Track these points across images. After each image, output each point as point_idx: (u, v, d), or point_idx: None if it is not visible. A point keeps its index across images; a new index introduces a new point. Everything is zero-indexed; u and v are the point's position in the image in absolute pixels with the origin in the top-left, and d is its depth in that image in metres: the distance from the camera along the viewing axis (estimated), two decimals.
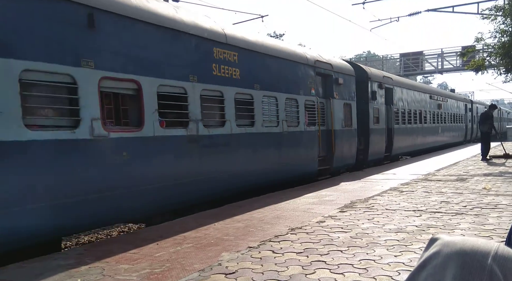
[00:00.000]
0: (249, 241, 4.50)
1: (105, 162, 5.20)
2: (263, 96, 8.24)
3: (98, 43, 5.17)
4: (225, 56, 7.40)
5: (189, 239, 4.70)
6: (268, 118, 8.39)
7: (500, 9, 11.97)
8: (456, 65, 30.50)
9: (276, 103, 8.65)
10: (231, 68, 7.52)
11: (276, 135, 8.66)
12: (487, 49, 13.60)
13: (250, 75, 7.97)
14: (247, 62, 7.92)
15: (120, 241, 4.81)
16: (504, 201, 6.34)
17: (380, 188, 8.09)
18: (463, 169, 11.13)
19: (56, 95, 4.81)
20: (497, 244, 0.75)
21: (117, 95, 5.59)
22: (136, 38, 5.70)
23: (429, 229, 4.74)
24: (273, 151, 8.58)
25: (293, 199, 7.15)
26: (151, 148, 5.81)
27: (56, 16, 4.69)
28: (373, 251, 3.96)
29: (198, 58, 6.82)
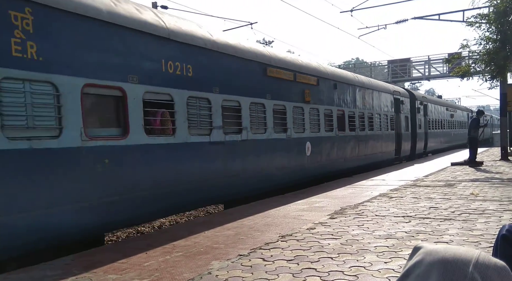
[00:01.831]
0: (240, 249, 4.47)
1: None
2: (376, 114, 14.84)
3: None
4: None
5: (179, 247, 4.66)
6: (377, 126, 14.87)
7: (484, 16, 12.20)
8: (443, 72, 30.94)
9: (380, 117, 15.18)
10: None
11: (379, 135, 15.00)
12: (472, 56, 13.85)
13: (363, 102, 13.71)
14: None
15: (109, 250, 4.75)
16: (491, 206, 6.42)
17: (370, 194, 8.13)
18: (451, 175, 11.26)
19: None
20: (478, 251, 0.76)
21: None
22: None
23: (418, 235, 4.77)
24: (378, 144, 14.93)
25: (283, 206, 7.14)
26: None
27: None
28: (363, 257, 3.97)
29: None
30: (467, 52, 14.72)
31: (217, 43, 7.51)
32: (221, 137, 7.41)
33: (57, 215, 4.75)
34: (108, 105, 5.71)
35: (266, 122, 8.79)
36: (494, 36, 12.20)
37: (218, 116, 7.35)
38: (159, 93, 6.24)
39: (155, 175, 6.06)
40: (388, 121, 15.85)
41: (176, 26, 6.75)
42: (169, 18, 6.84)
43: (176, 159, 6.51)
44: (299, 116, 9.99)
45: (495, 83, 13.82)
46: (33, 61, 4.61)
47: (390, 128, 16.01)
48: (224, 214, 6.73)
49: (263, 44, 36.10)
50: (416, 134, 18.94)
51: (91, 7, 5.29)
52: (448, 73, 28.73)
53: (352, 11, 17.24)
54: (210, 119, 7.19)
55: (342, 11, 17.66)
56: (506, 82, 15.48)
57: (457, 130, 28.37)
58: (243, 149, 8.07)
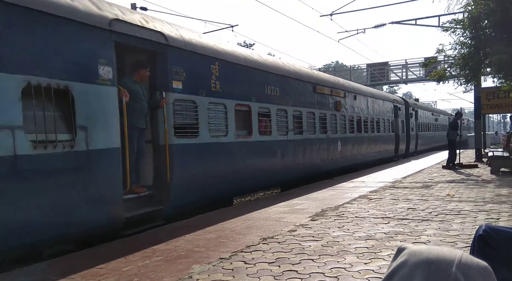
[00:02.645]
0: (221, 252, 4.45)
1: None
2: (382, 119, 17.89)
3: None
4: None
5: (159, 251, 4.60)
6: (383, 129, 17.99)
7: (459, 22, 12.52)
8: (420, 76, 31.63)
9: (384, 121, 18.00)
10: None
11: (384, 136, 18.00)
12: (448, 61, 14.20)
13: (373, 109, 16.87)
14: (367, 103, 16.29)
15: (87, 255, 4.65)
16: (467, 207, 6.59)
17: (350, 196, 8.22)
18: (428, 176, 11.50)
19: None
20: (461, 252, 0.78)
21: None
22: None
23: (397, 235, 4.85)
24: (383, 143, 17.91)
25: (264, 208, 7.14)
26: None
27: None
28: (343, 259, 4.01)
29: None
30: (443, 57, 15.09)
31: (290, 72, 10.74)
32: (292, 137, 10.48)
33: (216, 183, 7.57)
34: (244, 116, 8.77)
35: (315, 126, 11.85)
36: (468, 41, 12.53)
37: (291, 122, 10.44)
38: (264, 107, 9.36)
39: (260, 161, 9.15)
40: (390, 125, 19.13)
41: (271, 62, 10.24)
42: (267, 56, 10.96)
43: (272, 151, 9.66)
44: (334, 121, 13.11)
45: (470, 87, 14.16)
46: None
47: (391, 130, 19.29)
48: (205, 218, 6.68)
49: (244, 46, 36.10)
50: (409, 136, 22.31)
51: (234, 56, 8.52)
52: (425, 77, 29.41)
53: (332, 15, 17.46)
54: (287, 124, 10.30)
55: (322, 15, 17.87)
56: (480, 86, 15.93)
57: (440, 133, 31.46)
58: (303, 145, 11.10)
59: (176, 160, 6.58)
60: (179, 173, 6.61)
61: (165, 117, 6.42)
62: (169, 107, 6.51)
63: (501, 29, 11.64)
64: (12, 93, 4.31)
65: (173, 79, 6.65)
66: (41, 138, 4.57)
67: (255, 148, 8.91)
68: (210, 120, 7.50)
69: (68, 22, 4.95)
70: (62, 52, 4.88)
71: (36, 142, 4.49)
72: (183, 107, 6.93)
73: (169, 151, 6.44)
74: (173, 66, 6.66)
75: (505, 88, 14.45)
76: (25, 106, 4.42)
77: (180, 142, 6.75)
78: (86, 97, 5.11)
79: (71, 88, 4.91)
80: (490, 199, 7.32)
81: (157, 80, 6.52)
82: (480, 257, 1.51)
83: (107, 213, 5.37)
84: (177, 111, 6.73)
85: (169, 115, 6.51)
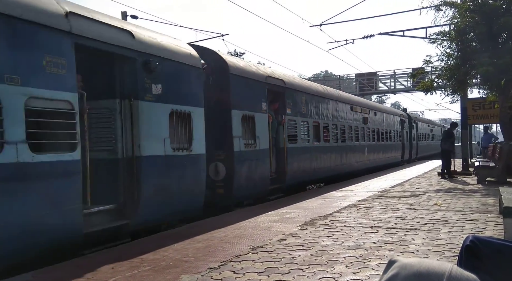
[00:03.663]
0: (210, 261, 4.42)
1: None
2: (392, 130, 22.21)
3: None
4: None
5: (147, 261, 4.55)
6: (393, 138, 22.41)
7: (446, 34, 12.77)
8: (408, 86, 32.10)
9: (394, 132, 22.50)
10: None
11: (394, 144, 22.42)
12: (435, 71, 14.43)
13: (387, 122, 21.68)
14: (383, 117, 20.86)
15: (73, 266, 4.57)
16: (454, 216, 6.65)
17: (339, 205, 8.25)
18: (416, 185, 11.60)
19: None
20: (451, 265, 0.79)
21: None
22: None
23: (385, 245, 4.87)
24: (393, 150, 22.30)
25: (254, 218, 7.12)
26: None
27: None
28: (333, 268, 4.01)
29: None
30: (430, 68, 15.34)
31: (337, 97, 15.32)
32: (340, 143, 14.71)
33: (304, 172, 11.72)
34: (316, 129, 12.99)
35: (352, 136, 16.12)
36: (454, 53, 12.77)
37: (339, 133, 14.79)
38: (325, 123, 13.71)
39: (322, 160, 13.22)
40: (398, 135, 23.62)
41: (328, 91, 14.83)
42: (325, 87, 15.83)
43: (327, 154, 13.62)
44: (362, 132, 17.44)
45: (456, 97, 14.40)
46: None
47: (399, 140, 23.75)
48: (193, 226, 6.63)
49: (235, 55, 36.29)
50: (412, 144, 26.65)
51: (312, 89, 13.43)
52: (413, 87, 29.86)
53: (321, 26, 17.65)
54: (337, 135, 14.59)
55: (312, 25, 18.04)
56: (466, 97, 16.19)
57: (434, 142, 34.48)
58: (345, 150, 15.22)
59: (289, 156, 10.87)
60: (291, 164, 10.94)
61: (284, 131, 10.78)
62: (285, 125, 10.88)
63: (486, 42, 11.91)
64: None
65: (287, 107, 11.09)
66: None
67: (321, 150, 13.23)
68: (301, 132, 11.87)
69: (252, 80, 9.67)
70: (252, 96, 9.62)
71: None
72: (291, 124, 11.31)
73: (286, 151, 10.78)
74: (287, 99, 11.12)
75: (491, 99, 14.74)
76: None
77: (290, 145, 11.06)
78: (259, 119, 9.69)
79: (255, 116, 9.54)
80: (477, 208, 7.40)
81: (279, 108, 10.90)
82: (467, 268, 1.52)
83: (263, 186, 9.92)
84: (288, 127, 11.10)
85: (285, 129, 10.88)
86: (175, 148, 6.82)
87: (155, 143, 6.39)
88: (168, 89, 6.62)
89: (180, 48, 7.30)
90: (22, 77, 4.47)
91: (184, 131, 7.04)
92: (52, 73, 4.83)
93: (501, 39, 12.19)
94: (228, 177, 8.49)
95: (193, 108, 7.25)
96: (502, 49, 11.82)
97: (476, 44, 12.54)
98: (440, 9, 12.59)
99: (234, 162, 8.59)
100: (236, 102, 8.77)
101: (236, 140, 8.69)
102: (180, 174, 7.00)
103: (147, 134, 6.21)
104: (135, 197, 6.01)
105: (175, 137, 6.85)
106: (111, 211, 5.90)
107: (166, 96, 6.60)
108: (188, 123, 7.15)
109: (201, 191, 7.40)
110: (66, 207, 4.95)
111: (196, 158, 7.34)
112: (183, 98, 7.02)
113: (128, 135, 6.07)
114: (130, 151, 6.06)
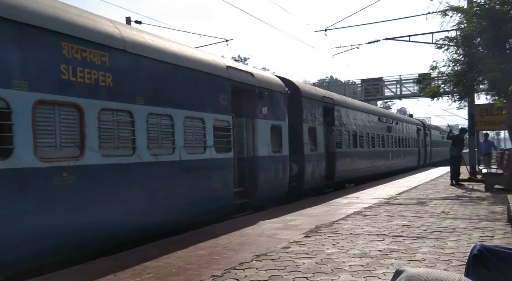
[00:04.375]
0: (213, 269, 4.36)
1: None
2: (410, 137, 25.13)
3: None
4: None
5: (150, 268, 4.50)
6: (411, 144, 25.21)
7: (452, 39, 12.69)
8: (414, 92, 31.95)
9: (411, 139, 25.32)
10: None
11: (412, 150, 25.51)
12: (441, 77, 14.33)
13: (406, 130, 24.29)
14: (403, 126, 23.74)
15: (75, 273, 4.53)
16: (462, 224, 6.55)
17: (344, 212, 8.16)
18: (422, 193, 11.48)
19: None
20: (459, 276, 0.75)
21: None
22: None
23: (392, 253, 4.79)
24: (411, 155, 25.28)
25: (258, 224, 7.06)
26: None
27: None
28: (338, 277, 3.94)
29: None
30: (437, 73, 15.24)
31: (371, 110, 18.79)
32: (371, 149, 17.65)
33: (349, 173, 14.89)
34: (356, 137, 15.87)
35: (379, 142, 18.93)
36: (462, 58, 12.68)
37: (371, 140, 17.72)
38: (366, 132, 16.94)
39: (358, 163, 15.83)
40: (414, 142, 26.28)
41: (367, 106, 19.02)
42: (360, 102, 20.10)
43: (362, 157, 16.45)
44: (387, 139, 20.23)
45: (463, 103, 14.27)
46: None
47: (415, 146, 26.44)
48: (197, 234, 6.59)
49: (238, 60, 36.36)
50: (426, 150, 29.29)
51: (352, 105, 17.04)
52: (419, 93, 29.72)
53: (326, 31, 17.68)
54: (368, 141, 17.35)
55: (317, 30, 18.10)
56: (473, 103, 16.06)
57: (445, 148, 38.41)
58: (375, 154, 18.21)
59: (337, 158, 13.63)
60: (338, 165, 13.66)
61: (333, 138, 13.61)
62: (334, 134, 13.66)
63: (493, 47, 11.81)
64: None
65: (335, 120, 13.83)
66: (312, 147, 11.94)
67: (358, 155, 15.97)
68: (345, 139, 14.64)
69: (314, 100, 12.44)
70: (314, 112, 12.33)
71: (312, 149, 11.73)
72: (337, 133, 14.03)
73: (335, 154, 13.57)
74: (335, 113, 13.86)
75: (498, 105, 14.59)
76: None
77: (338, 150, 13.78)
78: (318, 130, 12.47)
79: (316, 127, 12.32)
80: (485, 216, 7.29)
81: (330, 121, 13.60)
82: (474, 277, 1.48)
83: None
84: (336, 135, 13.80)
85: (334, 137, 13.64)
86: (274, 151, 9.77)
87: (264, 147, 9.35)
88: (269, 110, 9.56)
89: (274, 80, 10.43)
90: (213, 109, 7.57)
91: (278, 139, 10.06)
92: (222, 104, 7.88)
93: (508, 44, 12.08)
94: (299, 173, 11.21)
95: (282, 123, 10.27)
96: (510, 55, 11.72)
97: (483, 49, 12.44)
98: (447, 15, 12.52)
99: (304, 162, 11.38)
100: (305, 117, 11.73)
101: (305, 146, 11.53)
102: (276, 169, 9.95)
103: (260, 141, 9.19)
104: (255, 183, 9.00)
105: (273, 143, 9.78)
106: (240, 192, 8.73)
107: (269, 115, 9.58)
108: (280, 133, 10.16)
109: (287, 181, 10.44)
110: (228, 187, 8.05)
111: (285, 158, 10.40)
112: (277, 116, 10.02)
113: (250, 142, 9.02)
114: (251, 152, 9.03)
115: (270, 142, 9.52)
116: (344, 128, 14.76)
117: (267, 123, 9.47)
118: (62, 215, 4.77)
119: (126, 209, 5.61)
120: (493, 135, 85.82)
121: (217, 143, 7.67)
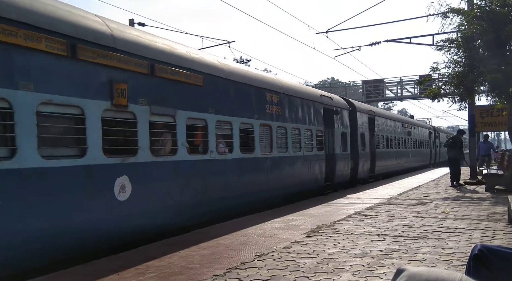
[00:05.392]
0: (215, 269, 4.40)
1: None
2: (424, 140, 30.96)
3: None
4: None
5: (153, 268, 4.54)
6: (425, 146, 31.01)
7: (453, 41, 12.71)
8: (415, 93, 31.91)
9: (425, 141, 31.39)
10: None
11: (426, 151, 31.38)
12: (442, 79, 14.32)
13: (422, 134, 30.00)
14: (419, 131, 28.79)
15: (78, 273, 4.57)
16: (462, 224, 6.58)
17: (346, 212, 8.19)
18: (423, 193, 11.50)
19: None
20: (460, 275, 0.77)
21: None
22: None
23: (393, 253, 4.82)
24: (425, 155, 30.82)
25: (259, 224, 7.09)
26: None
27: None
28: (339, 276, 3.97)
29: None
30: (437, 75, 15.25)
31: (396, 118, 24.33)
32: (397, 149, 21.79)
33: (381, 167, 18.94)
34: (387, 140, 20.39)
35: (402, 144, 22.64)
36: (462, 60, 12.69)
37: (396, 142, 21.80)
38: (394, 136, 21.50)
39: (388, 161, 20.12)
40: (427, 143, 31.17)
41: (390, 113, 27.32)
42: (390, 112, 35.51)
43: (391, 156, 20.75)
44: (408, 142, 24.19)
45: (464, 105, 14.28)
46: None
47: (428, 147, 31.18)
48: (199, 234, 6.62)
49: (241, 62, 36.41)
50: (436, 151, 34.36)
51: (373, 111, 20.07)
52: (420, 94, 29.69)
53: (328, 33, 17.67)
54: (395, 143, 21.49)
55: (318, 32, 18.07)
56: (474, 104, 16.06)
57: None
58: (399, 154, 22.32)
59: (377, 157, 17.75)
60: (377, 161, 17.80)
61: (374, 141, 17.61)
62: (374, 137, 17.73)
63: (494, 49, 11.83)
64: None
65: (375, 127, 17.77)
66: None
67: (389, 154, 20.00)
68: (381, 142, 18.41)
69: (364, 113, 17.02)
70: (363, 122, 16.87)
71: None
72: (377, 137, 18.06)
73: (375, 154, 17.78)
74: (375, 122, 17.81)
75: (499, 106, 14.60)
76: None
77: (377, 150, 17.75)
78: (366, 135, 16.97)
79: (365, 133, 16.79)
80: (485, 216, 7.32)
81: (372, 128, 17.51)
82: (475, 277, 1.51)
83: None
84: (376, 138, 17.82)
85: (374, 140, 17.83)
86: (342, 150, 13.93)
87: (338, 148, 13.68)
88: (340, 122, 13.93)
89: (341, 100, 14.98)
90: (315, 123, 12.15)
91: (344, 142, 14.21)
92: (319, 120, 12.43)
93: (509, 46, 12.10)
94: (355, 167, 15.19)
95: (346, 130, 14.60)
96: (510, 56, 11.73)
97: (483, 51, 12.46)
98: (447, 17, 12.54)
99: (358, 158, 15.50)
100: (359, 126, 16.01)
101: (359, 147, 15.76)
102: (344, 163, 14.14)
103: (336, 144, 13.52)
104: (334, 171, 13.08)
105: (342, 145, 13.96)
106: (322, 178, 12.47)
107: (340, 125, 13.99)
108: (345, 138, 14.43)
109: (349, 172, 14.51)
110: (322, 173, 12.36)
111: (348, 155, 14.60)
112: (344, 126, 14.44)
113: (330, 144, 13.30)
114: (332, 151, 13.24)
115: (341, 144, 13.88)
116: (380, 133, 19.08)
117: (339, 131, 13.89)
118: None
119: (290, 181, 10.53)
120: (493, 136, 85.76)
121: (318, 144, 12.14)
